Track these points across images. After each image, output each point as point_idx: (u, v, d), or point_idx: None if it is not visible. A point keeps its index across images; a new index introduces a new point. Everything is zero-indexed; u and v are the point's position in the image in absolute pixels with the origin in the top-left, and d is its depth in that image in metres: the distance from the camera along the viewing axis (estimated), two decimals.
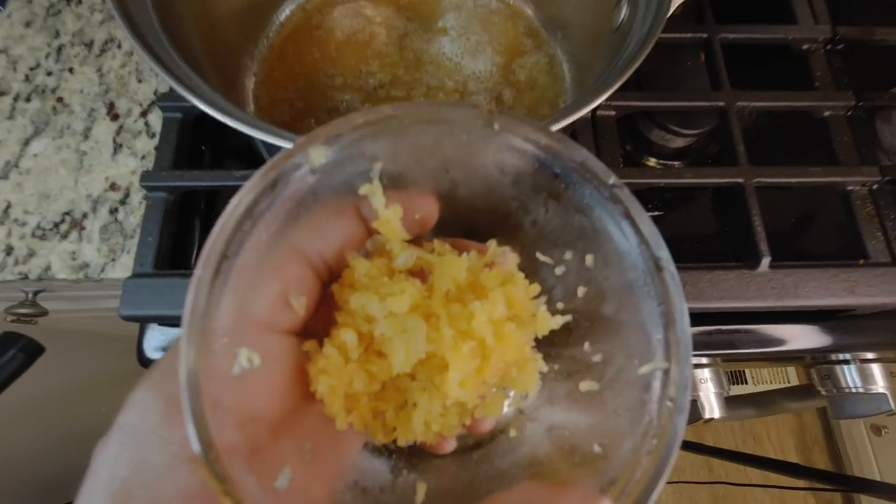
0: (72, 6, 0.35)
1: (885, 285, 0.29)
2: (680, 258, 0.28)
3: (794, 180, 0.30)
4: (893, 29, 0.35)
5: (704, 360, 0.38)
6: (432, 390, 0.14)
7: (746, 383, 1.24)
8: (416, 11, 0.32)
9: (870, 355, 0.39)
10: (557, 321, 0.15)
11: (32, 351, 0.28)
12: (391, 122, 0.14)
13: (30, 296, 0.36)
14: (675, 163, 0.37)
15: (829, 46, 0.35)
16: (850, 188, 0.31)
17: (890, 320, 0.32)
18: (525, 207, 0.16)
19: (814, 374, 0.42)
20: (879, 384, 0.38)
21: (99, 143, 0.32)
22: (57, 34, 0.34)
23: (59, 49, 0.34)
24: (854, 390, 0.39)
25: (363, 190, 0.14)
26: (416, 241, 0.16)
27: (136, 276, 0.27)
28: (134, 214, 0.30)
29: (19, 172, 0.31)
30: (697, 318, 0.29)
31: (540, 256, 0.17)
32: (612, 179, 0.14)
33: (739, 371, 1.22)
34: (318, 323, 0.15)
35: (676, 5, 0.20)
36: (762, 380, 1.20)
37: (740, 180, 0.30)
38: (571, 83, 0.30)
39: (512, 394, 0.17)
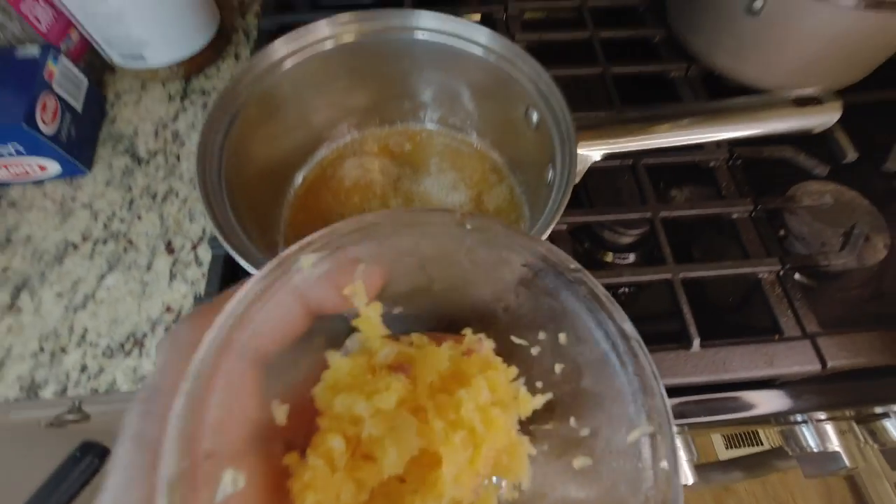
0: (142, 167, 0.45)
1: (798, 356, 0.35)
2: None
3: (712, 273, 0.38)
4: (777, 147, 0.44)
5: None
6: (425, 491, 0.14)
7: (762, 444, 1.22)
8: (407, 159, 0.41)
9: (822, 416, 0.44)
10: (539, 400, 0.16)
11: (104, 456, 0.34)
12: (374, 228, 0.15)
13: (76, 403, 0.42)
14: (630, 254, 0.45)
15: (729, 163, 0.44)
16: (760, 276, 0.38)
17: (819, 385, 0.37)
18: (497, 296, 0.17)
19: (781, 436, 0.46)
20: (834, 442, 0.43)
21: (158, 274, 0.40)
22: (129, 189, 0.44)
23: (131, 201, 0.43)
24: (814, 449, 0.43)
25: (347, 291, 0.15)
26: (393, 337, 0.16)
27: None
28: None
29: (95, 303, 0.39)
30: None
31: (515, 339, 0.17)
32: (573, 265, 0.16)
33: (753, 432, 1.22)
34: (290, 432, 0.14)
35: (580, 178, 0.29)
36: (776, 440, 1.19)
37: (669, 276, 0.37)
38: (527, 208, 0.39)
39: (504, 484, 0.17)
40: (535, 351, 0.17)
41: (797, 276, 0.41)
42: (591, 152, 0.30)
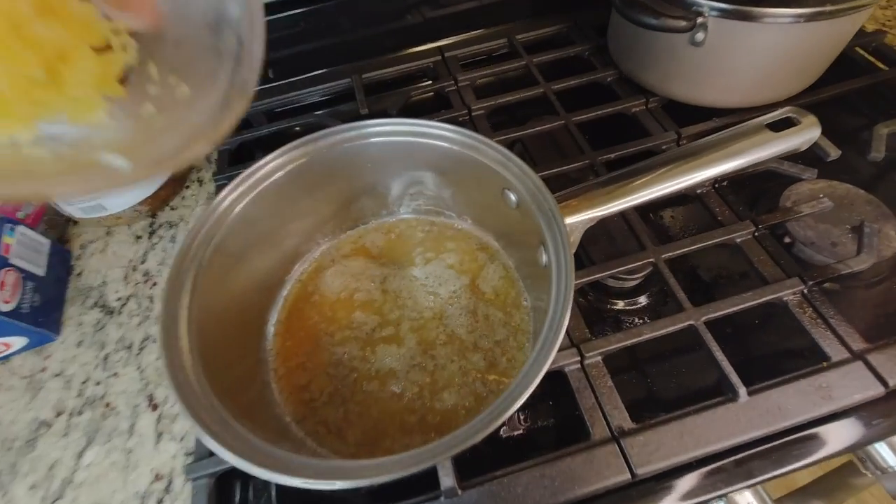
0: (114, 317, 0.42)
1: (854, 382, 0.32)
2: (671, 406, 0.31)
3: (735, 309, 0.35)
4: None
5: (747, 492, 0.37)
6: None
7: None
8: (389, 256, 0.39)
9: None
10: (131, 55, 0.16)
11: None
12: None
13: None
14: (640, 297, 0.42)
15: (716, 186, 0.43)
16: (785, 300, 0.36)
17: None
18: None
19: (855, 460, 0.42)
20: None
21: (143, 437, 0.36)
22: (103, 346, 0.41)
23: (106, 358, 0.40)
24: (893, 469, 0.38)
25: None
26: None
27: None
28: (178, 500, 0.33)
29: (74, 487, 0.34)
30: (709, 459, 0.31)
31: None
32: None
33: None
34: None
35: (574, 248, 0.27)
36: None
37: (691, 322, 0.35)
38: (525, 283, 0.36)
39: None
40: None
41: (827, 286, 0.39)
42: (579, 220, 0.29)
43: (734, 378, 0.32)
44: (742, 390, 0.32)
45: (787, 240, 0.43)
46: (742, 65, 0.42)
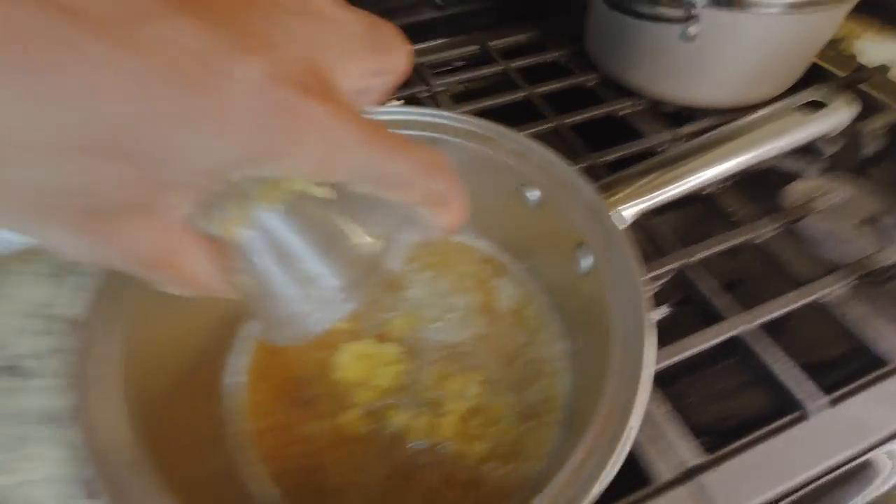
0: (27, 380, 0.32)
1: None
2: (725, 436, 0.26)
3: (782, 312, 0.31)
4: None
5: None
6: None
7: None
8: None
9: None
10: None
11: None
12: None
13: None
14: (660, 308, 0.37)
15: (723, 185, 0.40)
16: (824, 300, 0.32)
17: None
18: None
19: None
20: None
21: None
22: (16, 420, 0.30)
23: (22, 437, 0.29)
24: None
25: None
26: None
27: None
28: None
29: None
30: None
31: None
32: None
33: None
34: None
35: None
36: None
37: (740, 330, 0.30)
38: (546, 299, 0.31)
39: None
40: None
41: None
42: (627, 213, 0.24)
43: (809, 387, 0.27)
44: (816, 403, 0.27)
45: None
46: (732, 59, 0.41)
